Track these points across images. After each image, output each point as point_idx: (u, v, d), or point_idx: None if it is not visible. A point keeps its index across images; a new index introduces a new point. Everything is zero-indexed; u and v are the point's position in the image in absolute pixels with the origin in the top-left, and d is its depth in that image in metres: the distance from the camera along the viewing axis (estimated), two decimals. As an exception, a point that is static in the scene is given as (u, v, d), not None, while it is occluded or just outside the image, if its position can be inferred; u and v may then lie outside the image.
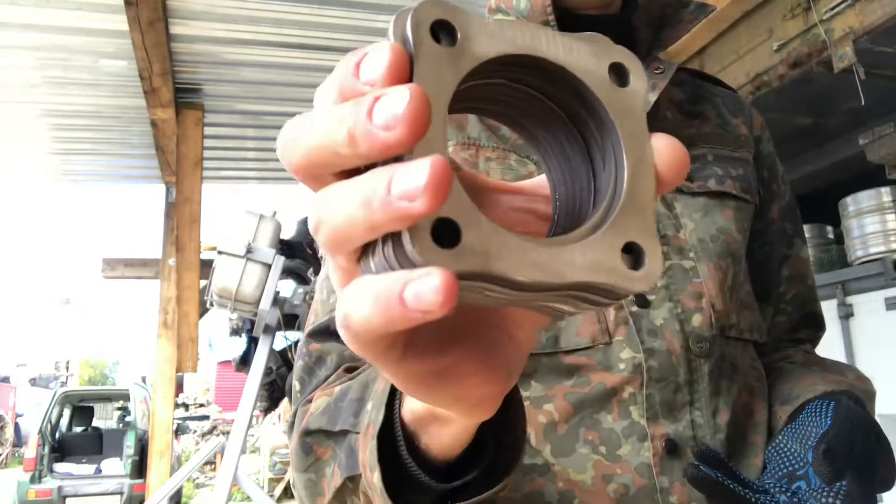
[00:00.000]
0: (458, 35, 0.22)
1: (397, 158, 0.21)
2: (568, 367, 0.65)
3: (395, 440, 0.39)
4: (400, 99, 0.20)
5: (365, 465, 0.41)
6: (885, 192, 2.92)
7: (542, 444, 0.64)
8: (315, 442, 0.55)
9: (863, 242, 2.95)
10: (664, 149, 0.25)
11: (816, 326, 0.85)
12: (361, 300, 0.22)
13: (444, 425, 0.37)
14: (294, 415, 0.66)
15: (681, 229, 0.69)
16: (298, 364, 0.69)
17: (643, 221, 0.24)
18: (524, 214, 0.28)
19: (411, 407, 0.39)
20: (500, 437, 0.40)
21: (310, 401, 0.64)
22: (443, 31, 0.22)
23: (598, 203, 0.25)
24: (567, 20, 0.74)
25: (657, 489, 0.61)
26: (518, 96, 0.25)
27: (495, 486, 0.39)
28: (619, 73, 0.25)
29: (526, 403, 0.65)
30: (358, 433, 0.47)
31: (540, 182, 0.29)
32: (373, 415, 0.42)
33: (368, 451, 0.40)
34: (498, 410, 0.31)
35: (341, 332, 0.24)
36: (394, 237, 0.21)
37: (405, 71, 0.21)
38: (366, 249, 0.23)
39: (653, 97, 0.71)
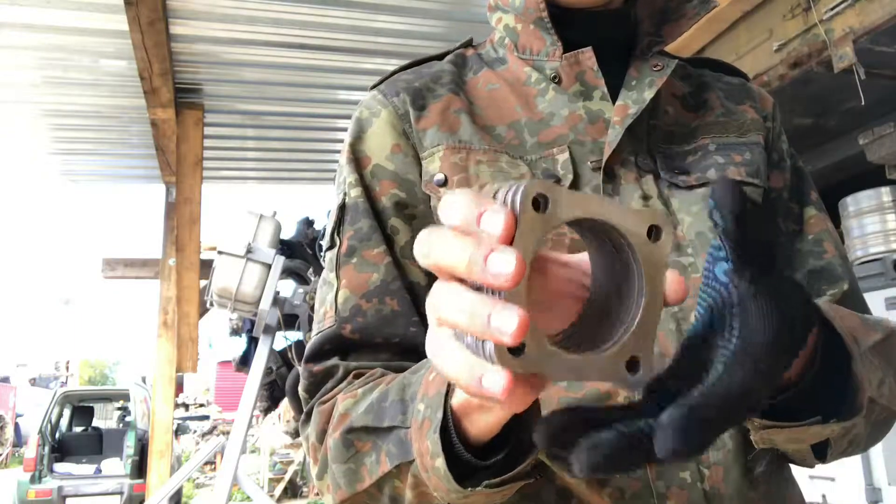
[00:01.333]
0: (550, 204, 0.33)
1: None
2: None
3: (447, 431, 0.49)
4: (507, 262, 0.31)
5: (423, 454, 0.50)
6: (885, 192, 2.91)
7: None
8: (356, 438, 0.60)
9: (863, 242, 2.95)
10: (670, 282, 0.37)
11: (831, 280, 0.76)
12: (454, 362, 0.35)
13: (485, 413, 0.47)
14: (308, 414, 0.68)
15: (678, 226, 0.68)
16: (304, 384, 0.70)
17: (645, 340, 0.36)
18: (567, 281, 0.40)
19: (460, 398, 0.48)
20: (523, 428, 0.49)
21: (324, 402, 0.66)
22: (541, 200, 0.33)
23: (621, 316, 0.37)
24: (564, 16, 0.73)
25: (654, 494, 0.61)
26: (584, 234, 0.38)
27: (518, 466, 0.49)
28: (654, 233, 0.37)
29: None
30: (406, 428, 0.54)
31: (583, 259, 0.40)
32: (427, 413, 0.50)
33: (430, 443, 0.49)
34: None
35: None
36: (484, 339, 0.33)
37: (512, 230, 0.32)
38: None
39: (649, 94, 0.70)
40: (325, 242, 0.76)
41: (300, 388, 0.71)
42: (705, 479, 0.61)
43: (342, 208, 0.74)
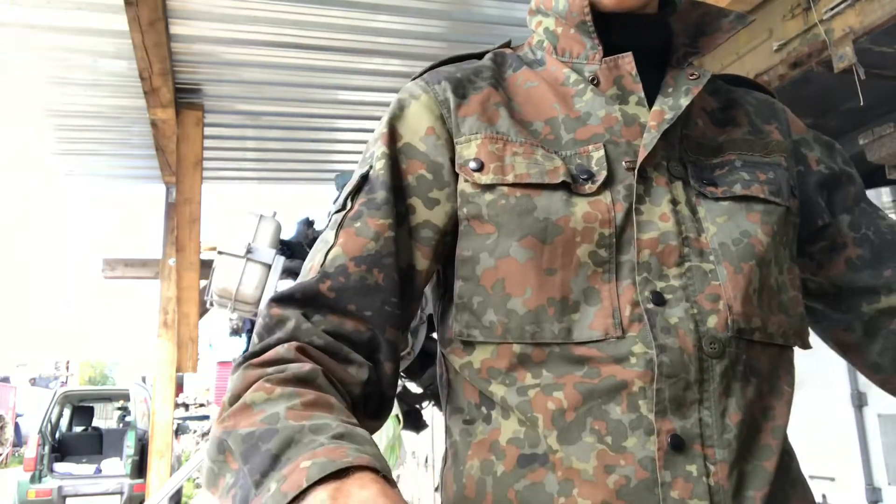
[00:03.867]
0: None
1: None
2: (579, 358, 0.66)
3: None
4: None
5: None
6: (885, 192, 2.91)
7: (548, 430, 0.65)
8: (228, 450, 0.57)
9: (863, 242, 2.94)
10: None
11: None
12: None
13: None
14: (240, 365, 0.65)
15: (702, 233, 0.70)
16: (259, 322, 0.69)
17: None
18: None
19: None
20: None
21: (255, 364, 0.63)
22: None
23: None
24: (606, 20, 0.76)
25: (658, 483, 0.62)
26: None
27: None
28: None
29: (535, 390, 0.66)
30: (256, 493, 0.52)
31: None
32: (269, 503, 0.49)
33: None
34: None
35: None
36: None
37: None
38: None
39: (685, 102, 0.72)
40: (334, 206, 0.76)
41: (255, 329, 0.69)
42: (711, 475, 0.62)
43: (364, 177, 0.74)
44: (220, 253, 3.94)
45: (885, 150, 2.60)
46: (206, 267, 4.32)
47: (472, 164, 0.71)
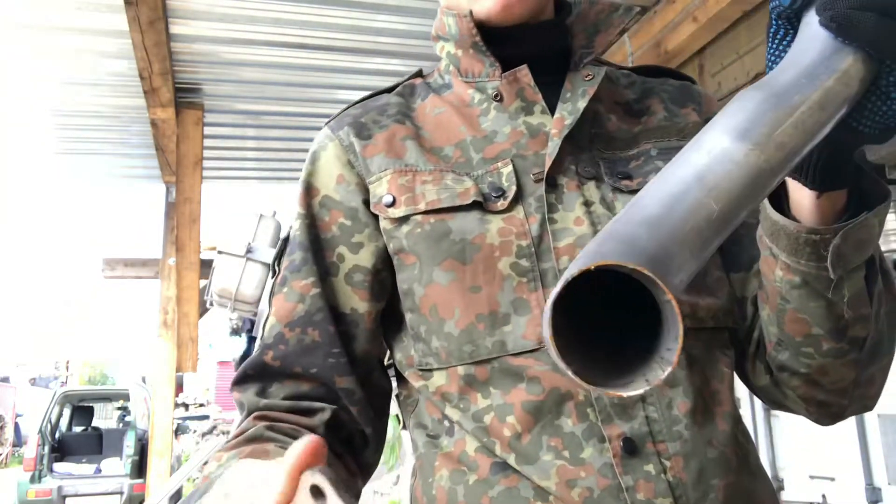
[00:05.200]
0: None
1: None
2: (517, 370, 0.66)
3: None
4: None
5: None
6: (885, 191, 2.91)
7: (507, 453, 0.66)
8: None
9: (863, 242, 2.94)
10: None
11: None
12: None
13: None
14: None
15: None
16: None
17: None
18: None
19: None
20: None
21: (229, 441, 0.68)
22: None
23: None
24: (500, 35, 0.77)
25: (622, 488, 0.62)
26: None
27: None
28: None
29: (490, 415, 0.67)
30: None
31: None
32: None
33: None
34: None
35: None
36: None
37: None
38: None
39: (583, 104, 0.73)
40: (270, 271, 0.80)
41: None
42: (668, 471, 0.63)
43: (285, 240, 0.78)
44: (220, 252, 3.95)
45: (884, 150, 2.61)
46: (206, 267, 4.33)
47: (385, 200, 0.73)
